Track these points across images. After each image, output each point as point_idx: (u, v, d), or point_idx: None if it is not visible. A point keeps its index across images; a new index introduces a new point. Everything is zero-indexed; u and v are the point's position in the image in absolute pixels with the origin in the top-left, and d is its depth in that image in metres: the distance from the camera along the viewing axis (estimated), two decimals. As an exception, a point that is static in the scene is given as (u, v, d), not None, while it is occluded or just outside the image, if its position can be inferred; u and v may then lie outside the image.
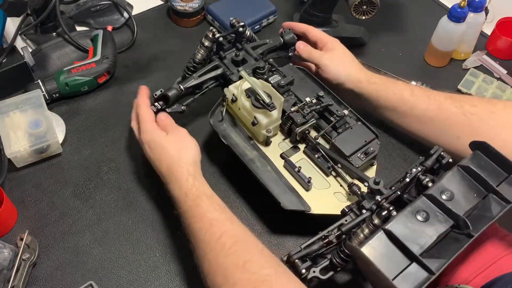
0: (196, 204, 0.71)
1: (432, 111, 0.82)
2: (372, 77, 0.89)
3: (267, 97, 0.77)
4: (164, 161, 0.77)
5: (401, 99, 0.85)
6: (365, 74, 0.90)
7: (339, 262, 0.67)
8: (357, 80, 0.89)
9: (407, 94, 0.85)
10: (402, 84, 0.87)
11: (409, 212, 0.61)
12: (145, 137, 0.80)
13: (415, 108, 0.84)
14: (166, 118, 0.84)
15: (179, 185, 0.74)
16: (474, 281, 0.64)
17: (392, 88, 0.86)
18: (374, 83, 0.88)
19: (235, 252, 0.64)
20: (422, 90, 0.86)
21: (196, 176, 0.75)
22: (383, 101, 0.87)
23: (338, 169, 0.80)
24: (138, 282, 0.77)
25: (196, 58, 0.90)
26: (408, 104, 0.84)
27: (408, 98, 0.84)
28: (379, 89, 0.87)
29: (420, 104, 0.83)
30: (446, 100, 0.82)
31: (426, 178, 0.68)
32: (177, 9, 1.12)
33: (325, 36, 0.94)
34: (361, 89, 0.89)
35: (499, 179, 0.64)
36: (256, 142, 0.83)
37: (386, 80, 0.89)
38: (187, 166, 0.75)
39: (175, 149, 0.77)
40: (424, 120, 0.83)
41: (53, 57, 1.03)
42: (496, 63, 1.10)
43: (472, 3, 1.02)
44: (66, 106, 0.99)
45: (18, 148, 0.85)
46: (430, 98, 0.83)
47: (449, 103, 0.81)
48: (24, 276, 0.74)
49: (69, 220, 0.83)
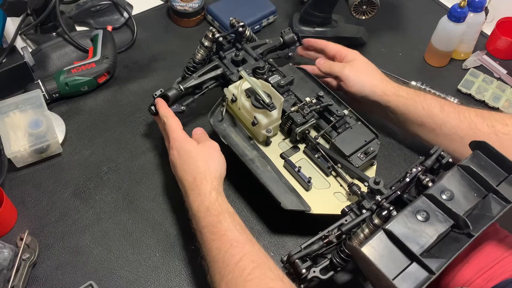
0: (217, 220, 0.68)
1: (463, 129, 0.79)
2: (400, 89, 0.85)
3: (267, 97, 0.77)
4: (190, 170, 0.75)
5: (431, 115, 0.82)
6: (392, 86, 0.86)
7: (339, 262, 0.67)
8: (383, 92, 0.85)
9: (437, 110, 0.81)
10: (431, 99, 0.83)
11: (409, 212, 0.61)
12: (175, 144, 0.78)
13: (445, 125, 0.80)
14: (202, 132, 0.83)
15: (201, 198, 0.71)
16: (476, 283, 0.64)
17: (421, 102, 0.83)
18: (402, 96, 0.84)
19: (255, 279, 0.60)
20: (452, 106, 0.82)
21: (220, 191, 0.73)
22: (411, 116, 0.84)
23: (338, 169, 0.80)
24: (138, 282, 0.77)
25: (196, 58, 0.90)
26: (438, 121, 0.81)
27: (438, 114, 0.81)
28: (407, 103, 0.84)
29: (450, 121, 0.80)
30: (476, 118, 0.79)
31: (426, 178, 0.68)
32: (177, 9, 1.12)
33: (343, 49, 0.91)
34: (387, 102, 0.85)
35: (499, 178, 0.64)
36: (256, 142, 0.83)
37: (415, 94, 0.85)
38: (212, 180, 0.73)
39: (203, 160, 0.75)
40: (454, 138, 0.80)
41: (53, 57, 1.03)
42: (496, 63, 1.10)
43: (472, 3, 1.02)
44: (66, 106, 0.99)
45: (18, 148, 0.85)
46: (460, 115, 0.79)
47: (480, 121, 0.78)
48: (24, 276, 0.74)
49: (69, 220, 0.83)
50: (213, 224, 0.68)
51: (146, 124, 0.97)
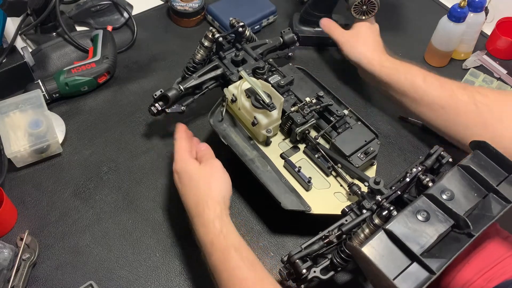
0: (224, 258, 0.66)
1: (443, 99, 0.81)
2: (386, 60, 0.89)
3: (267, 97, 0.77)
4: (191, 195, 0.72)
5: (413, 85, 0.84)
6: (379, 56, 0.90)
7: (340, 262, 0.67)
8: (369, 61, 0.89)
9: (419, 80, 0.83)
10: (415, 70, 0.86)
11: (410, 211, 0.61)
12: (176, 167, 0.75)
13: (426, 95, 0.83)
14: (206, 149, 0.79)
15: (205, 230, 0.68)
16: (476, 283, 0.64)
17: (405, 73, 0.85)
18: (386, 66, 0.88)
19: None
20: (435, 77, 0.84)
21: (223, 217, 0.69)
22: (394, 86, 0.86)
23: (338, 169, 0.80)
24: (138, 282, 0.77)
25: (196, 58, 0.90)
26: (420, 91, 0.83)
27: (420, 85, 0.83)
28: (390, 73, 0.87)
29: (431, 92, 0.82)
30: (458, 89, 0.81)
31: (426, 178, 0.68)
32: (177, 9, 1.12)
33: (357, 21, 0.97)
34: (373, 71, 0.89)
35: (499, 178, 0.64)
36: (256, 142, 0.83)
37: (400, 65, 0.87)
38: (214, 206, 0.69)
39: (205, 182, 0.72)
40: (435, 108, 0.82)
41: (53, 57, 1.03)
42: (496, 63, 1.10)
43: (472, 3, 1.02)
44: (66, 106, 0.99)
45: (18, 148, 0.85)
46: (443, 86, 0.82)
47: (461, 92, 0.80)
48: (24, 276, 0.74)
49: (69, 220, 0.83)
50: (221, 261, 0.66)
51: (146, 124, 0.96)
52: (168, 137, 0.95)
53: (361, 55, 0.91)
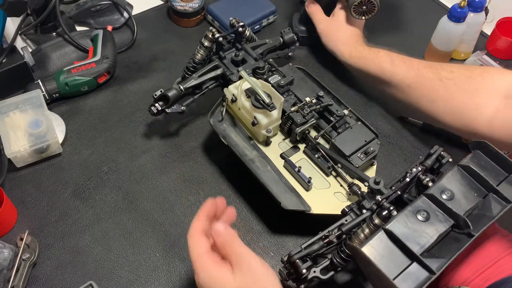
0: None
1: (410, 78, 0.85)
2: (355, 50, 0.94)
3: (267, 97, 0.77)
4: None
5: (381, 70, 0.89)
6: (350, 48, 0.95)
7: (340, 262, 0.67)
8: (341, 54, 0.96)
9: (387, 64, 0.88)
10: (383, 55, 0.90)
11: (410, 211, 0.61)
12: (199, 281, 0.55)
13: (394, 77, 0.87)
14: (226, 235, 0.56)
15: None
16: (474, 282, 0.64)
17: (373, 60, 0.90)
18: (355, 57, 0.93)
19: None
20: (402, 60, 0.88)
21: None
22: (365, 72, 0.92)
23: (338, 169, 0.80)
24: (138, 282, 0.77)
25: (196, 58, 0.90)
26: (388, 74, 0.88)
27: (388, 68, 0.88)
28: (359, 62, 0.92)
29: (398, 73, 0.87)
30: (424, 68, 0.84)
31: (426, 178, 0.68)
32: (177, 9, 1.12)
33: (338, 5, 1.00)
34: (345, 62, 0.96)
35: (499, 178, 0.64)
36: (256, 142, 0.83)
37: (368, 52, 0.92)
38: None
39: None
40: (403, 88, 0.86)
41: (53, 57, 1.03)
42: (496, 63, 1.09)
43: (472, 3, 1.02)
44: (66, 106, 0.99)
45: (18, 148, 0.85)
46: (409, 67, 0.86)
47: (427, 70, 0.84)
48: (24, 276, 0.74)
49: (69, 220, 0.83)
50: None
51: (146, 124, 0.96)
52: (168, 137, 0.95)
53: (334, 47, 0.97)
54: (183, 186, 0.88)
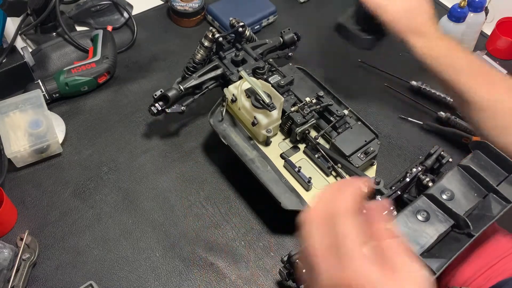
0: None
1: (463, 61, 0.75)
2: (420, 30, 0.80)
3: (267, 97, 0.77)
4: None
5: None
6: (414, 23, 0.80)
7: (339, 262, 0.67)
8: (412, 45, 0.81)
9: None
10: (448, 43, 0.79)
11: (410, 211, 0.61)
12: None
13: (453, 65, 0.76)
14: (390, 235, 0.43)
15: None
16: (475, 282, 0.64)
17: (438, 44, 0.79)
18: (423, 36, 0.80)
19: None
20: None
21: None
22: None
23: (338, 169, 0.80)
24: (138, 282, 0.77)
25: (196, 58, 0.90)
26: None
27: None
28: (424, 46, 0.79)
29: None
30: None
31: (426, 178, 0.68)
32: (177, 9, 1.12)
33: None
34: (406, 41, 0.81)
35: (499, 178, 0.64)
36: (256, 142, 0.83)
37: (435, 36, 0.80)
38: None
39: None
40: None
41: (53, 57, 1.03)
42: (496, 63, 1.09)
43: (472, 3, 1.02)
44: (66, 106, 0.99)
45: (18, 148, 0.85)
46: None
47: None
48: (24, 276, 0.74)
49: (69, 220, 0.83)
50: None
51: (146, 124, 0.96)
52: (168, 137, 0.95)
53: (395, 20, 0.81)
54: (183, 186, 0.88)
